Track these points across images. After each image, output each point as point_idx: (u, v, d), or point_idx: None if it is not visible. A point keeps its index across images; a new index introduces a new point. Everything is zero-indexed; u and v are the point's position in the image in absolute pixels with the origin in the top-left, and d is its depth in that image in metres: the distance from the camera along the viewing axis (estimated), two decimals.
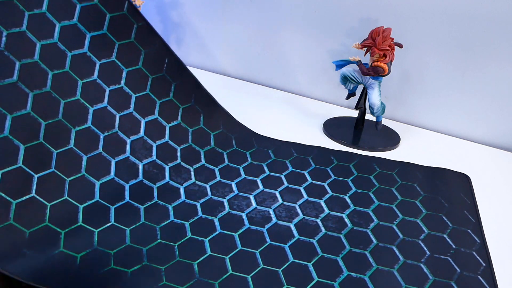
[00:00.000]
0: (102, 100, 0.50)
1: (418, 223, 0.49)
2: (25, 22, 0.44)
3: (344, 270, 0.41)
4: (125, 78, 0.52)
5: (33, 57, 0.44)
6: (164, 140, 0.55)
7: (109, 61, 0.51)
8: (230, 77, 0.96)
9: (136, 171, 0.50)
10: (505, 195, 0.56)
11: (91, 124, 0.48)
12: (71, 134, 0.46)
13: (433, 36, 0.67)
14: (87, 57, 0.49)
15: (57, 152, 0.44)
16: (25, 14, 0.44)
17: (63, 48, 0.47)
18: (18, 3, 0.44)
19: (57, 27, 0.47)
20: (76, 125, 0.47)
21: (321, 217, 0.49)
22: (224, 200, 0.51)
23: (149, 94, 0.54)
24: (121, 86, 0.52)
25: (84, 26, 0.49)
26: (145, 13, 1.00)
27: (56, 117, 0.45)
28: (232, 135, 0.62)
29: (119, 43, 0.52)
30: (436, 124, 0.74)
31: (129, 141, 0.51)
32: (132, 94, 0.52)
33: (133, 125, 0.52)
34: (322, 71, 0.82)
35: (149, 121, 0.54)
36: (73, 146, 0.46)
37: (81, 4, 0.48)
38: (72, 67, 0.48)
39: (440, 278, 0.41)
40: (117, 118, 0.51)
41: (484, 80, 0.66)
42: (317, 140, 0.67)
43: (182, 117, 0.58)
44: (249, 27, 0.87)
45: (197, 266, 0.41)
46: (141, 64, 0.54)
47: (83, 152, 0.47)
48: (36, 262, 0.38)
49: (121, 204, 0.47)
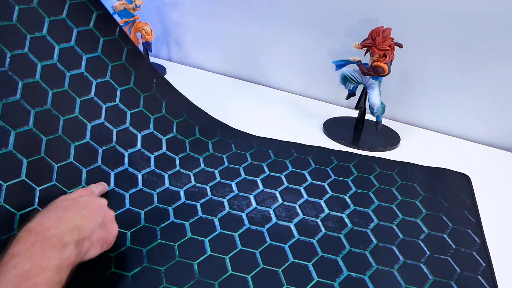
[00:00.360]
0: (99, 116, 0.53)
1: (418, 223, 0.49)
2: (27, 44, 0.47)
3: (344, 270, 0.41)
4: (120, 96, 0.55)
5: (34, 77, 0.47)
6: (162, 151, 0.57)
7: (104, 81, 0.54)
8: (230, 77, 0.96)
9: (135, 181, 0.52)
10: (505, 195, 0.56)
11: (90, 139, 0.51)
12: (71, 149, 0.49)
13: (433, 36, 0.67)
14: (84, 77, 0.52)
15: (57, 166, 0.47)
16: (27, 37, 0.47)
17: (62, 69, 0.50)
18: (21, 27, 0.46)
19: (56, 49, 0.49)
20: (76, 140, 0.50)
21: (321, 217, 0.49)
22: (224, 200, 0.51)
23: (142, 111, 0.58)
24: (116, 104, 0.55)
25: (80, 48, 0.52)
26: (145, 13, 1.00)
27: (56, 133, 0.48)
28: (230, 140, 0.63)
29: (112, 64, 0.55)
30: (436, 124, 0.74)
31: (127, 154, 0.54)
32: (127, 110, 0.56)
33: (130, 139, 0.55)
34: (322, 71, 0.81)
35: (145, 135, 0.57)
36: (73, 160, 0.48)
37: (77, 29, 0.52)
38: (70, 86, 0.50)
39: (440, 278, 0.41)
40: (114, 133, 0.53)
41: (484, 80, 0.66)
42: (317, 140, 0.67)
43: (177, 130, 0.61)
44: (249, 27, 0.87)
45: (197, 266, 0.41)
46: (133, 83, 0.57)
47: (83, 166, 0.49)
48: None
49: (122, 211, 0.48)
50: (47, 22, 0.49)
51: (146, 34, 0.88)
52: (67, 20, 0.51)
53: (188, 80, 0.92)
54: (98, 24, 0.53)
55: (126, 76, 0.57)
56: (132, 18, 0.87)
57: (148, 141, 0.57)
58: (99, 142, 0.52)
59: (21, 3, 0.47)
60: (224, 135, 0.64)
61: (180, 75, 0.95)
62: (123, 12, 0.86)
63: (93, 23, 0.53)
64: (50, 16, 0.49)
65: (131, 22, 0.88)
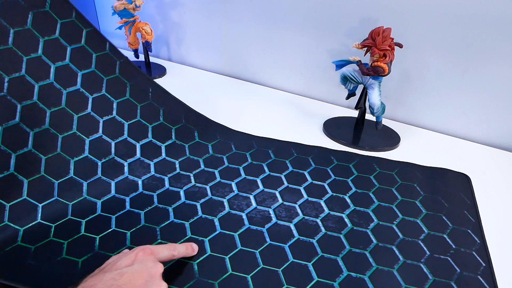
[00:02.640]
0: (97, 130, 0.54)
1: (418, 223, 0.49)
2: (23, 66, 0.48)
3: (344, 270, 0.41)
4: (116, 109, 0.56)
5: (32, 98, 0.48)
6: (161, 157, 0.57)
7: (100, 95, 0.55)
8: (230, 77, 0.96)
9: (135, 186, 0.53)
10: (505, 195, 0.56)
11: (88, 153, 0.52)
12: (70, 165, 0.50)
13: (433, 36, 0.67)
14: (80, 93, 0.53)
15: (58, 182, 0.48)
16: (23, 59, 0.48)
17: (59, 87, 0.51)
18: (17, 50, 0.47)
19: (52, 68, 0.51)
20: (75, 156, 0.51)
21: (321, 217, 0.49)
22: (224, 200, 0.51)
23: (140, 121, 0.58)
24: (113, 116, 0.56)
25: (75, 65, 0.53)
26: (145, 13, 1.01)
27: (55, 151, 0.49)
28: (230, 141, 0.64)
29: (107, 78, 0.56)
30: (436, 124, 0.74)
31: (126, 164, 0.54)
32: (124, 122, 0.57)
33: (129, 149, 0.56)
34: (322, 71, 0.82)
35: (144, 144, 0.57)
36: (73, 175, 0.50)
37: (71, 46, 0.53)
38: (67, 104, 0.52)
39: (440, 278, 0.41)
40: (113, 145, 0.54)
41: (484, 80, 0.66)
42: (317, 140, 0.67)
43: (176, 135, 0.61)
44: (249, 27, 0.87)
45: (197, 266, 0.41)
46: (128, 95, 0.58)
47: (83, 179, 0.50)
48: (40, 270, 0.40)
49: (122, 213, 0.48)
50: (41, 42, 0.50)
51: (146, 34, 0.88)
52: (60, 39, 0.52)
53: (188, 80, 0.92)
54: (89, 41, 0.55)
55: (122, 89, 0.58)
56: (132, 18, 0.87)
57: (147, 149, 0.57)
58: (98, 155, 0.53)
59: (16, 26, 0.48)
60: (223, 137, 0.64)
61: (180, 75, 0.95)
62: (123, 12, 0.86)
63: (84, 40, 0.54)
64: (44, 36, 0.50)
65: (131, 22, 0.88)
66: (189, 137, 0.62)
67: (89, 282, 0.32)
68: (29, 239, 0.43)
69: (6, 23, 0.47)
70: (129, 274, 0.33)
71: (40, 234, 0.44)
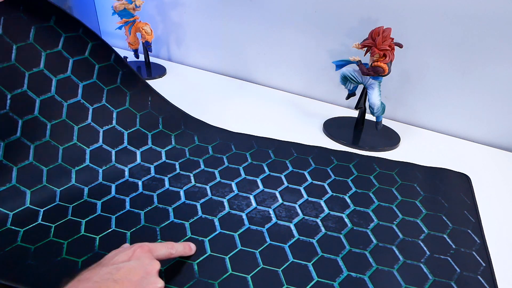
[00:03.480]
0: (97, 140, 0.55)
1: (418, 223, 0.49)
2: (25, 82, 0.48)
3: (344, 270, 0.41)
4: (116, 118, 0.57)
5: (33, 113, 0.49)
6: (162, 161, 0.58)
7: (100, 105, 0.56)
8: (230, 77, 0.96)
9: (135, 187, 0.53)
10: (505, 195, 0.56)
11: (89, 162, 0.53)
12: (72, 174, 0.51)
13: (433, 36, 0.67)
14: (81, 104, 0.54)
15: (60, 190, 0.49)
16: (26, 74, 0.48)
17: (60, 100, 0.52)
18: (19, 66, 0.48)
19: (53, 82, 0.51)
20: (76, 165, 0.52)
21: (321, 217, 0.49)
22: (224, 200, 0.51)
23: (140, 129, 0.59)
24: (113, 126, 0.57)
25: (76, 77, 0.54)
26: (145, 13, 1.00)
27: (56, 162, 0.50)
28: (230, 142, 0.64)
29: (107, 88, 0.57)
30: (436, 124, 0.74)
31: (127, 169, 0.55)
32: (124, 131, 0.57)
33: (129, 156, 0.56)
34: (322, 71, 0.82)
35: (144, 150, 0.58)
36: (74, 183, 0.51)
37: (73, 58, 0.53)
38: (68, 116, 0.52)
39: (440, 278, 0.41)
40: (113, 153, 0.55)
41: (484, 80, 0.66)
42: (317, 140, 0.67)
43: (176, 141, 0.62)
44: (249, 27, 0.87)
45: (197, 266, 0.41)
46: (128, 104, 0.59)
47: (84, 185, 0.51)
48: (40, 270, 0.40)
49: (123, 213, 0.48)
50: (43, 56, 0.50)
51: (146, 34, 0.88)
52: (63, 52, 0.52)
53: (188, 80, 0.92)
54: (93, 53, 0.55)
55: (122, 98, 0.58)
56: (132, 18, 0.87)
57: (147, 155, 0.58)
58: (99, 163, 0.54)
59: (18, 41, 0.48)
60: (223, 139, 0.65)
61: (180, 75, 0.95)
62: (123, 12, 0.86)
63: (88, 52, 0.54)
64: (46, 50, 0.50)
65: (131, 22, 0.88)
66: (189, 141, 0.63)
67: (86, 275, 0.33)
68: (29, 239, 0.43)
69: (9, 39, 0.47)
70: (125, 269, 0.34)
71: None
